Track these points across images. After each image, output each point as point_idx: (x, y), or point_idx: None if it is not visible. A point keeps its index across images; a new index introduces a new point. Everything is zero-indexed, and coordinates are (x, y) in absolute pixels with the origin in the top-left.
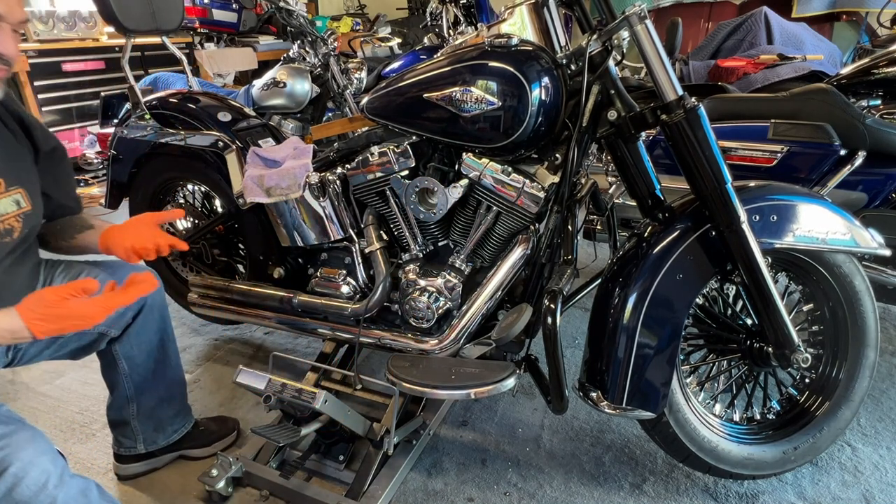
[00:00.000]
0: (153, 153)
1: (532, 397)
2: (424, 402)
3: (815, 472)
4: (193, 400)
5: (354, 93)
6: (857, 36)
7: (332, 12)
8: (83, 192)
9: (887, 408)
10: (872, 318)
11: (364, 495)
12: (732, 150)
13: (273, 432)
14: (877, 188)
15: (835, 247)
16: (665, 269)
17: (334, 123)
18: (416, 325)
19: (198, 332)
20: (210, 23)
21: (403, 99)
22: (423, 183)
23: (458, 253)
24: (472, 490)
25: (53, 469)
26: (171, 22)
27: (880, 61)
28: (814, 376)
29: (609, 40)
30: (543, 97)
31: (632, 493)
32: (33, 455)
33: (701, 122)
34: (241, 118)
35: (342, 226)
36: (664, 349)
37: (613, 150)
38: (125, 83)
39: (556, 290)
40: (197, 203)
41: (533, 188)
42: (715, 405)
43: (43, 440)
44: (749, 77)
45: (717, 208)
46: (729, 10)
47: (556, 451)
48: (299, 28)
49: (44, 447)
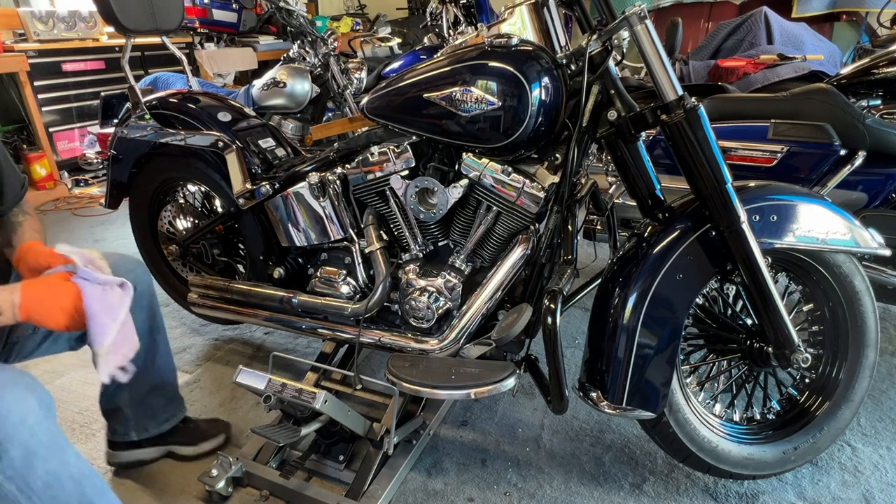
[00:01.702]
0: (153, 153)
1: (532, 397)
2: (424, 402)
3: (815, 472)
4: (193, 400)
5: (354, 93)
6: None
7: (332, 12)
8: (83, 192)
9: (887, 408)
10: (872, 318)
11: (364, 495)
12: (732, 150)
13: (273, 432)
14: (877, 188)
15: (835, 247)
16: (665, 269)
17: (334, 123)
18: (416, 325)
19: (198, 332)
20: (210, 23)
21: (403, 99)
22: (423, 183)
23: (458, 253)
24: (472, 490)
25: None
26: (171, 22)
27: (880, 61)
28: (814, 376)
29: (609, 40)
30: (543, 97)
31: (632, 493)
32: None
33: (701, 122)
34: (241, 118)
35: (342, 226)
36: (664, 349)
37: (613, 150)
38: (125, 83)
39: (556, 290)
40: (197, 203)
41: (533, 188)
42: (715, 405)
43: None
44: (749, 77)
45: (717, 208)
46: (729, 10)
47: (556, 451)
48: (299, 28)
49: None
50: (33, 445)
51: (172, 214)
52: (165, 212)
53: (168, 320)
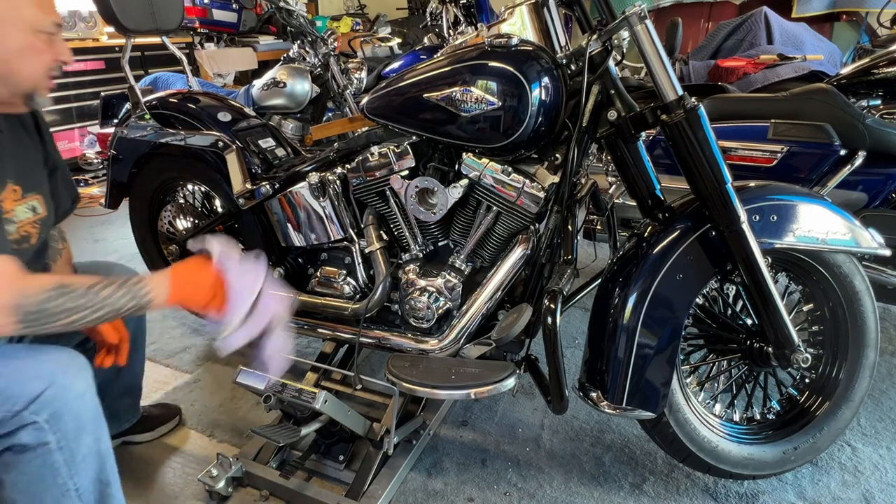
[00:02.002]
0: (153, 153)
1: (532, 397)
2: (424, 402)
3: (815, 472)
4: (193, 400)
5: (354, 93)
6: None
7: (332, 12)
8: (83, 192)
9: (887, 408)
10: (872, 318)
11: (364, 495)
12: (732, 150)
13: (273, 432)
14: (877, 188)
15: (835, 247)
16: (665, 269)
17: (334, 123)
18: (416, 325)
19: (198, 332)
20: (210, 23)
21: (403, 99)
22: (423, 183)
23: (458, 253)
24: (472, 490)
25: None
26: (171, 22)
27: (880, 61)
28: (814, 376)
29: (609, 40)
30: (543, 97)
31: (632, 493)
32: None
33: (701, 122)
34: (241, 118)
35: (342, 226)
36: (664, 349)
37: (613, 150)
38: (125, 83)
39: (556, 290)
40: (197, 203)
41: (533, 188)
42: (715, 405)
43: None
44: (749, 77)
45: (717, 208)
46: (729, 10)
47: (556, 451)
48: (299, 28)
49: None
50: (83, 419)
51: (172, 214)
52: (165, 212)
53: (168, 320)
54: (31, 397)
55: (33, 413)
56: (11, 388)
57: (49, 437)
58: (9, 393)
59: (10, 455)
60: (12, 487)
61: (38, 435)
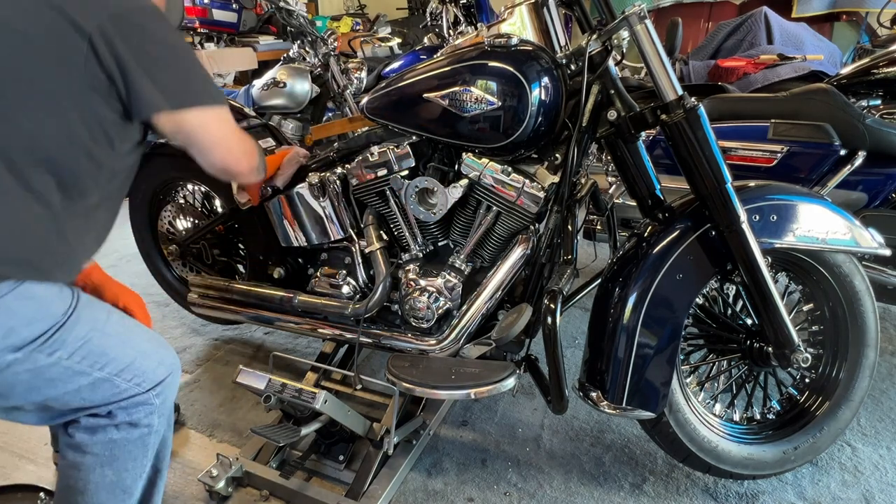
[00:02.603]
0: (153, 153)
1: (532, 397)
2: (424, 402)
3: (815, 472)
4: (193, 400)
5: (354, 93)
6: (857, 36)
7: (332, 12)
8: None
9: (887, 408)
10: (872, 318)
11: (364, 495)
12: (732, 150)
13: (273, 432)
14: (877, 188)
15: (835, 247)
16: (665, 269)
17: (334, 123)
18: (416, 325)
19: (198, 332)
20: (210, 23)
21: (403, 99)
22: (423, 183)
23: (458, 253)
24: (472, 490)
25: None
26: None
27: (880, 61)
28: (814, 376)
29: (609, 40)
30: (543, 97)
31: (632, 493)
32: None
33: (701, 122)
34: (240, 118)
35: (342, 226)
36: (664, 349)
37: (613, 150)
38: None
39: (556, 290)
40: (197, 203)
41: (533, 188)
42: (715, 405)
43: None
44: (749, 77)
45: (717, 208)
46: (729, 10)
47: (556, 451)
48: (299, 28)
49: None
50: (171, 409)
51: (172, 214)
52: (165, 212)
53: (168, 320)
54: (157, 381)
55: (156, 395)
56: (144, 368)
57: (155, 420)
58: (140, 370)
59: (113, 430)
60: (103, 456)
61: (150, 416)
